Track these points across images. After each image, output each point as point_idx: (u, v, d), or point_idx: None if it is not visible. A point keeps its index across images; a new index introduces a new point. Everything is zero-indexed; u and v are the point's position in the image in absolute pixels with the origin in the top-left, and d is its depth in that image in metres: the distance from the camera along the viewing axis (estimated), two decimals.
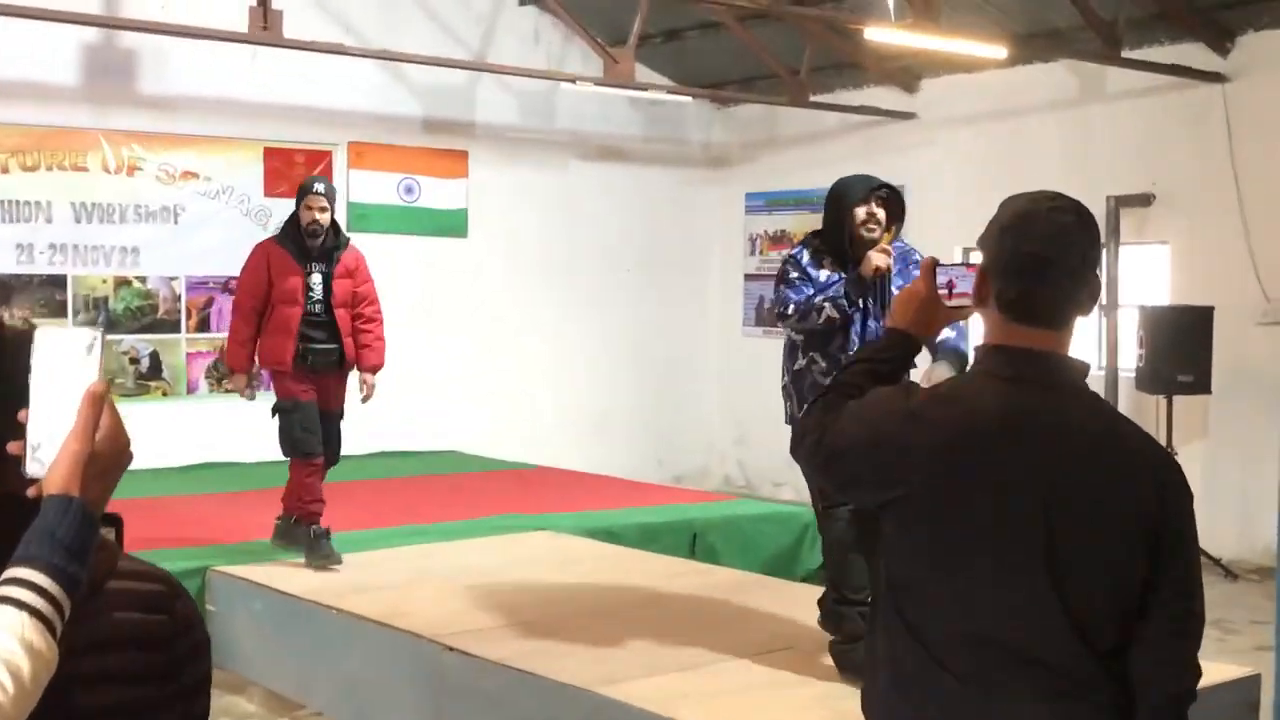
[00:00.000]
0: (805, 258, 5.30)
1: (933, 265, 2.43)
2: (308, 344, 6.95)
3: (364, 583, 6.61)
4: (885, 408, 2.26)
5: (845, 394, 2.35)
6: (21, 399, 1.53)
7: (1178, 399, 9.36)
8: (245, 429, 10.74)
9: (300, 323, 6.93)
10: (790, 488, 12.21)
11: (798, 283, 5.25)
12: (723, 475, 13.44)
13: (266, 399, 7.30)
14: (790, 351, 5.41)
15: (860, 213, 5.19)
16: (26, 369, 1.53)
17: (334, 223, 7.10)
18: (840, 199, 5.28)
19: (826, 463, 2.32)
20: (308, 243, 7.00)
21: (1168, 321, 9.41)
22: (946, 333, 4.93)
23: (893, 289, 5.10)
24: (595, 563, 7.24)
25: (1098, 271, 2.26)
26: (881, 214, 5.23)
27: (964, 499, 2.18)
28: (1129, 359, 9.67)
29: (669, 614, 6.09)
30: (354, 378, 7.21)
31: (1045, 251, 2.18)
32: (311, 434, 6.96)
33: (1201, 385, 9.31)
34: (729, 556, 8.28)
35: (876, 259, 5.12)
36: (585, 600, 6.35)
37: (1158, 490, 2.18)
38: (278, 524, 7.11)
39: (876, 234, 5.23)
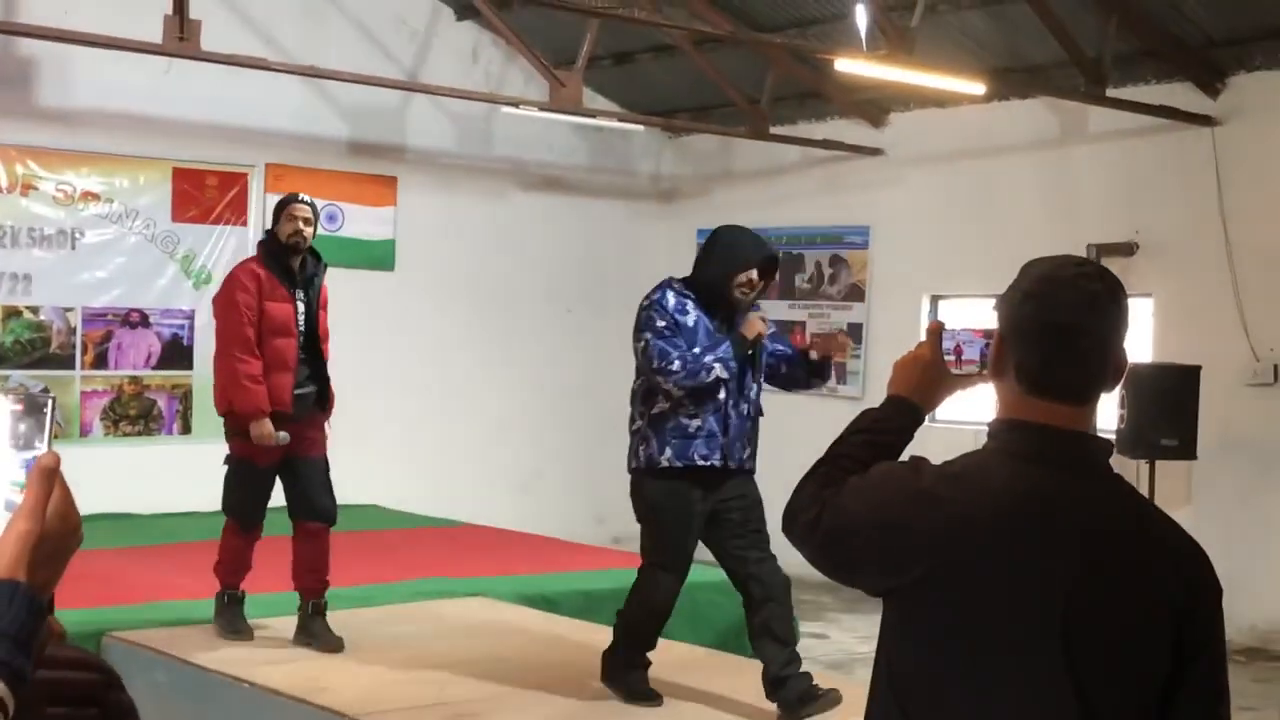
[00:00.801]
0: (670, 301, 5.67)
1: (939, 329, 2.42)
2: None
3: (278, 652, 6.52)
4: (892, 486, 2.24)
5: (844, 468, 2.33)
6: None
7: (1161, 464, 9.44)
8: (146, 478, 10.64)
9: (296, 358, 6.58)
10: None
11: (667, 333, 5.59)
12: None
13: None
14: (646, 396, 5.75)
15: (742, 277, 5.63)
16: None
17: (312, 246, 6.76)
18: (729, 256, 5.69)
19: (825, 544, 2.30)
20: (290, 260, 6.64)
21: (1151, 381, 9.47)
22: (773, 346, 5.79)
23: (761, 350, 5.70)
24: (533, 634, 7.19)
25: (1124, 344, 2.25)
26: (759, 282, 5.72)
27: (977, 588, 2.16)
28: (1109, 420, 9.76)
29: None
30: None
31: (1071, 321, 2.18)
32: (259, 504, 6.67)
33: (1186, 450, 9.38)
34: (677, 629, 8.15)
35: (758, 325, 5.62)
36: (523, 676, 6.29)
37: (1185, 585, 2.17)
38: (216, 605, 6.79)
39: (749, 298, 5.70)
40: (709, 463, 5.66)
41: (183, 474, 10.85)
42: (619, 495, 13.17)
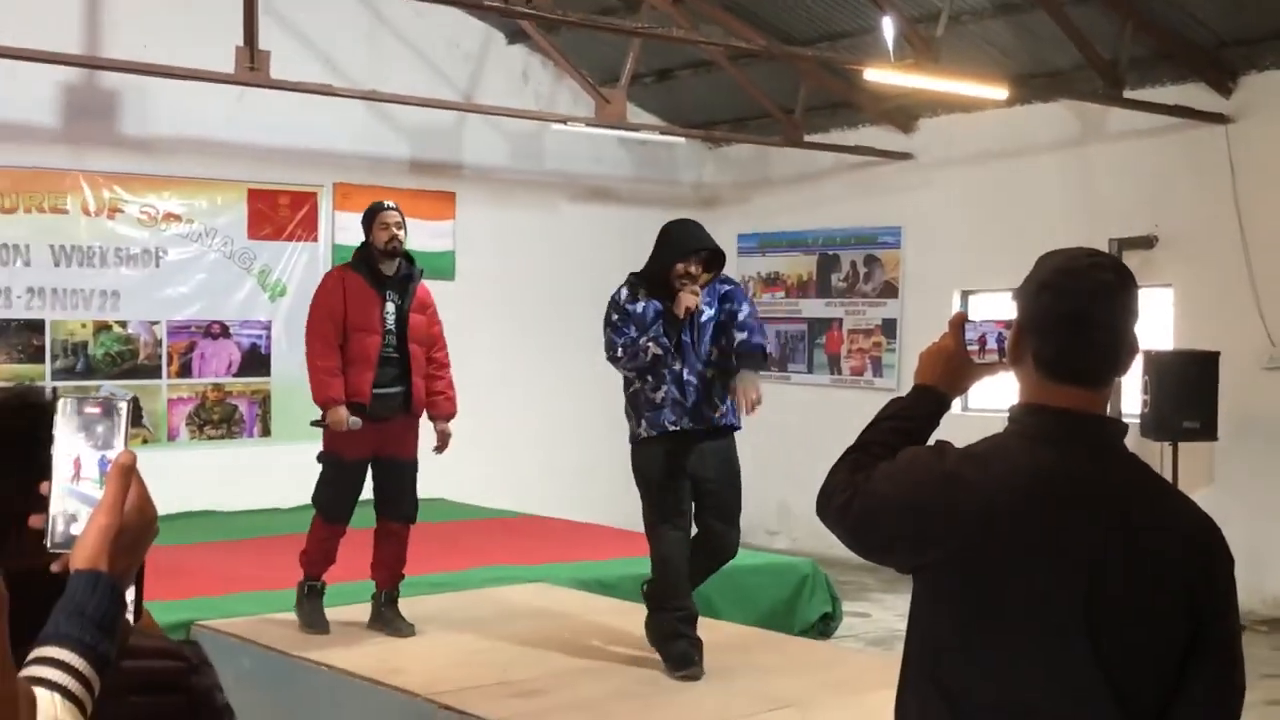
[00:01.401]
0: (623, 295, 6.03)
1: (961, 321, 2.42)
2: (373, 386, 6.55)
3: (354, 638, 6.55)
4: (920, 470, 2.24)
5: (874, 453, 2.33)
6: (44, 471, 1.51)
7: (1183, 446, 9.36)
8: (229, 477, 10.74)
9: (378, 354, 6.56)
10: (784, 537, 12.20)
11: (619, 325, 5.99)
12: None
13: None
14: (624, 381, 6.18)
15: (679, 268, 5.92)
16: (49, 440, 1.51)
17: (406, 251, 6.76)
18: (667, 249, 6.02)
19: (857, 525, 2.30)
20: (383, 265, 6.63)
21: (1172, 367, 9.41)
22: (740, 335, 6.00)
23: (701, 321, 5.98)
24: (590, 616, 7.19)
25: (1136, 330, 2.24)
26: (697, 270, 5.95)
27: (1002, 564, 2.15)
28: (1133, 404, 9.67)
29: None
30: None
31: (1085, 309, 2.17)
32: (347, 499, 6.61)
33: (1207, 432, 9.30)
34: (725, 610, 8.22)
35: (686, 300, 5.88)
36: (581, 656, 6.30)
37: (1200, 556, 2.16)
38: (296, 595, 6.77)
39: (690, 286, 5.93)
40: (678, 427, 5.97)
41: (263, 473, 10.97)
42: None
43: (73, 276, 10.31)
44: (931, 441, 2.37)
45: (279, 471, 11.04)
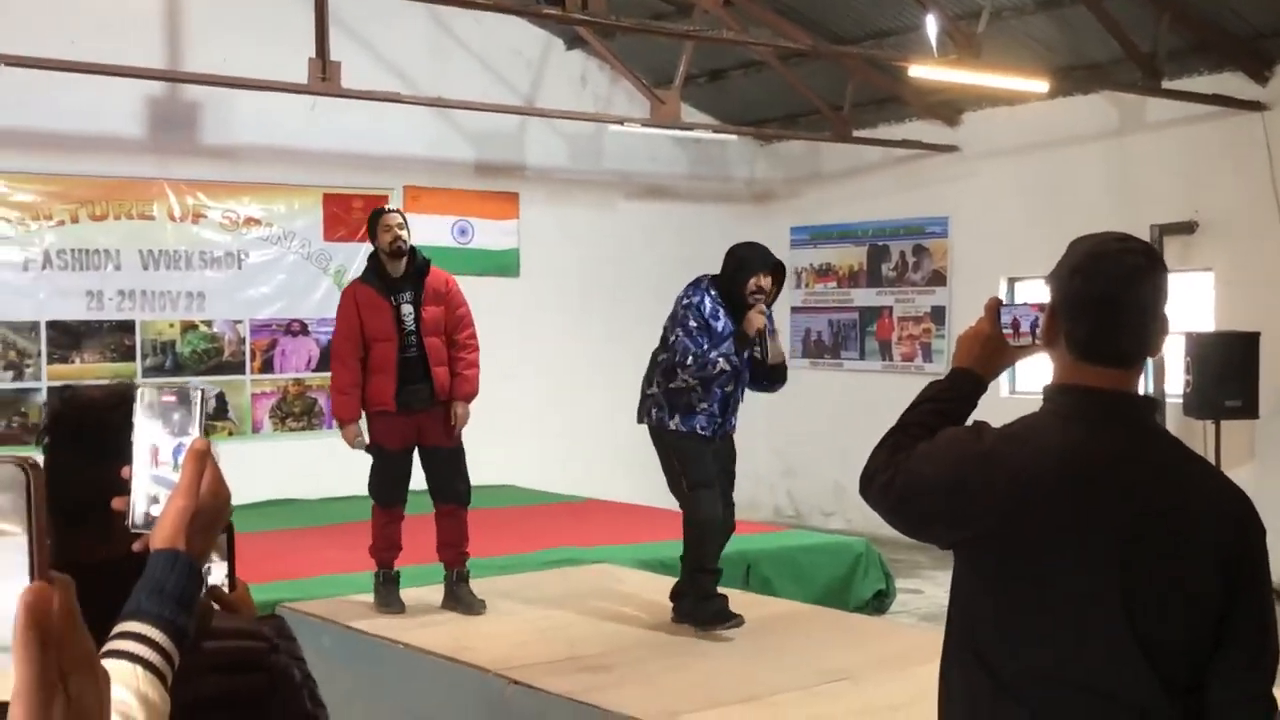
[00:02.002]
0: (707, 306, 6.11)
1: (996, 305, 2.40)
2: (401, 384, 6.60)
3: (428, 617, 6.60)
4: (958, 448, 2.23)
5: (913, 434, 2.32)
6: (125, 456, 1.54)
7: (1225, 424, 9.24)
8: (310, 467, 10.85)
9: (397, 359, 6.61)
10: (839, 517, 12.15)
11: (696, 333, 6.07)
12: (772, 506, 13.37)
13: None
14: (668, 371, 6.21)
15: (752, 284, 6.06)
16: (129, 426, 1.54)
17: (413, 248, 6.73)
18: (739, 267, 6.13)
19: (898, 503, 2.29)
20: (390, 268, 6.64)
21: (1214, 347, 9.30)
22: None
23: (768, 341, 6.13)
24: (652, 595, 7.19)
25: (1166, 311, 2.22)
26: (768, 283, 6.11)
27: (1039, 539, 2.14)
28: (1176, 385, 9.56)
29: (727, 646, 6.04)
30: None
31: (1115, 291, 2.15)
32: (394, 485, 6.72)
33: (1249, 410, 9.18)
34: (782, 587, 8.22)
35: (756, 321, 6.04)
36: (644, 633, 6.31)
37: (1232, 527, 2.14)
38: (374, 584, 6.84)
39: (759, 302, 6.09)
40: (705, 433, 6.22)
41: (341, 463, 10.96)
42: None
43: (160, 279, 10.45)
44: (971, 422, 2.36)
45: (356, 461, 11.06)
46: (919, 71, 9.10)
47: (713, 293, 6.18)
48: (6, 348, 9.89)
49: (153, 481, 1.53)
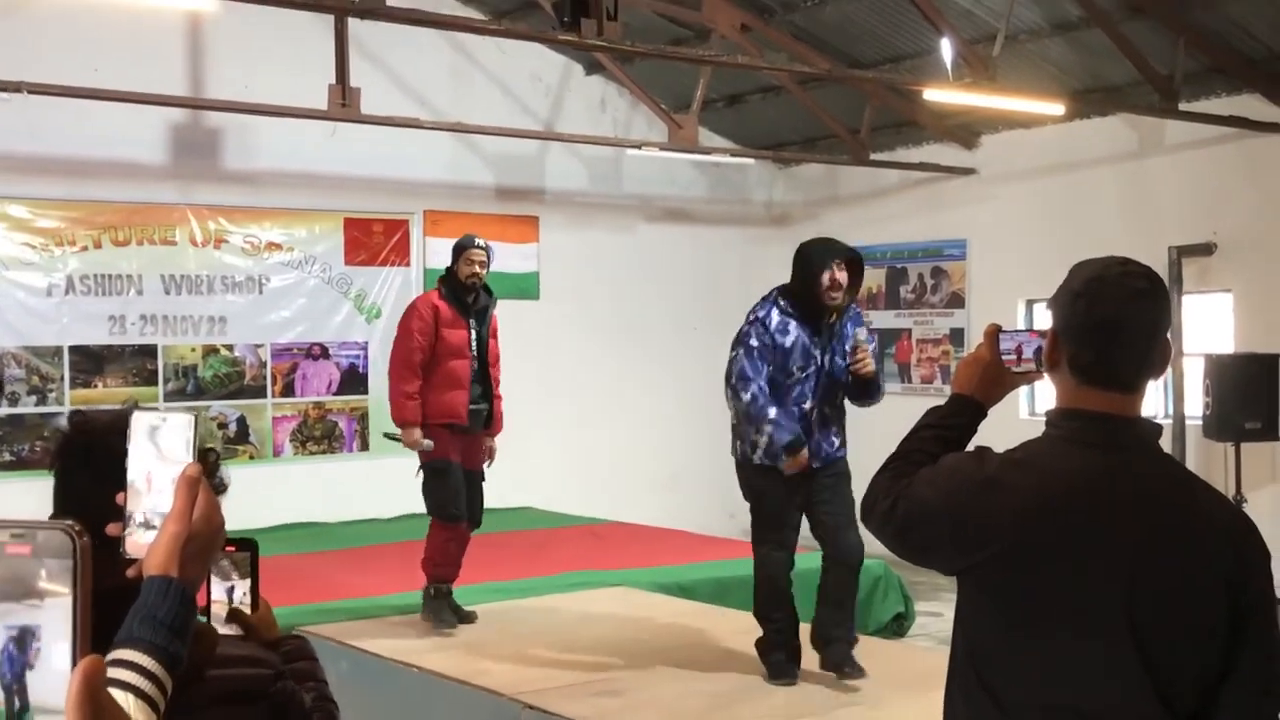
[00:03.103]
0: (774, 320, 5.58)
1: (996, 331, 2.39)
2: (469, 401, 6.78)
3: (444, 641, 6.60)
4: (961, 474, 2.21)
5: (915, 460, 2.31)
6: (119, 482, 1.54)
7: (1245, 446, 9.16)
8: (330, 490, 10.87)
9: (471, 376, 6.77)
10: None
11: (756, 355, 5.55)
12: None
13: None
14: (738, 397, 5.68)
15: (825, 279, 5.52)
16: (123, 452, 1.54)
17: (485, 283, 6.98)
18: (807, 265, 5.61)
19: (901, 530, 2.28)
20: (463, 292, 6.87)
21: (1233, 369, 9.23)
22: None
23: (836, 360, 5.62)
24: (670, 618, 7.18)
25: (1169, 335, 2.20)
26: (844, 277, 5.56)
27: (1044, 566, 2.12)
28: (1195, 407, 9.50)
29: (744, 670, 6.01)
30: None
31: (1118, 316, 2.14)
32: (458, 498, 6.78)
33: (1269, 432, 9.10)
34: (802, 610, 8.13)
35: (866, 365, 5.57)
36: (662, 656, 6.29)
37: (1237, 553, 2.12)
38: (424, 599, 6.92)
39: (838, 299, 5.57)
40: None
41: (362, 486, 11.09)
42: None
43: (182, 304, 10.50)
44: (974, 446, 2.34)
45: (377, 484, 11.16)
46: (935, 95, 9.09)
47: (782, 303, 5.65)
48: (30, 373, 9.95)
49: (147, 507, 1.53)
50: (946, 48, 8.76)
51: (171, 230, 10.44)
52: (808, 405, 5.65)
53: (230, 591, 2.23)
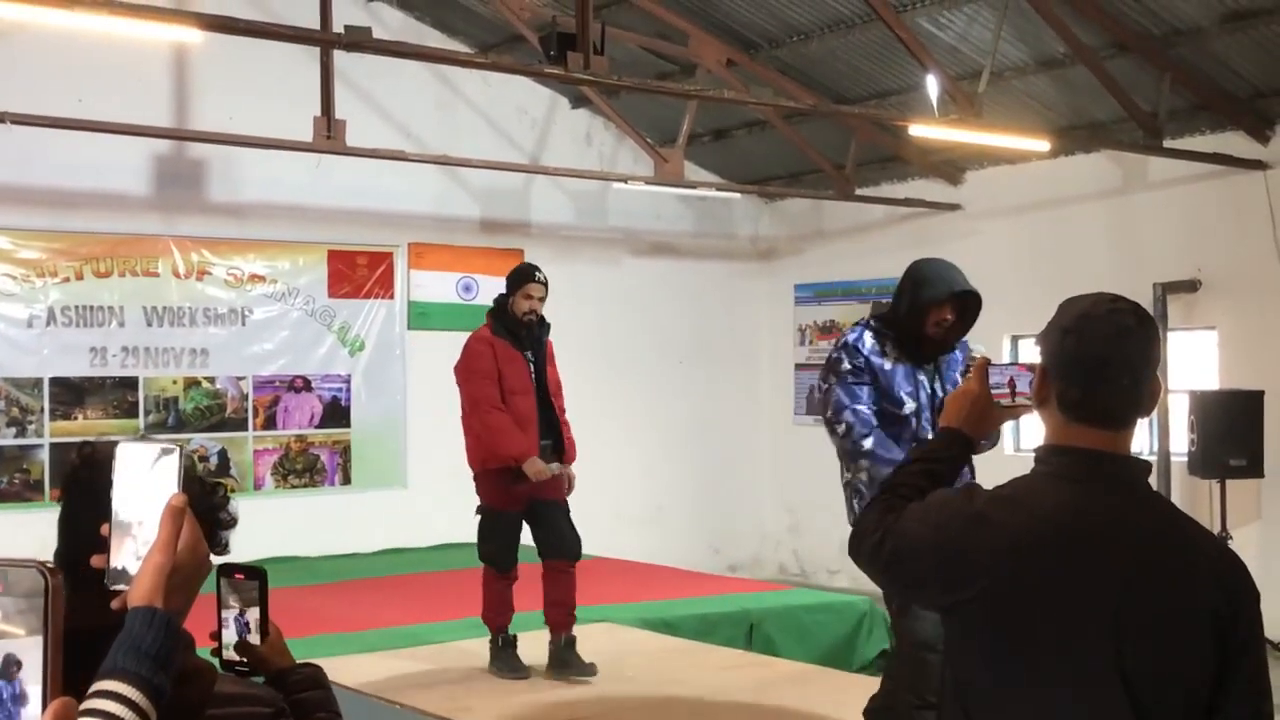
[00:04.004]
0: (867, 343, 4.88)
1: (985, 365, 2.40)
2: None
3: (426, 677, 6.56)
4: (949, 510, 2.21)
5: (903, 495, 2.32)
6: (104, 513, 1.54)
7: (1230, 483, 9.19)
8: (312, 524, 10.82)
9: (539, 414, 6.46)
10: (845, 575, 12.07)
11: (851, 380, 4.83)
12: (777, 564, 13.31)
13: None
14: (855, 451, 4.94)
15: (934, 315, 4.82)
16: (108, 484, 1.54)
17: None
18: (919, 290, 4.83)
19: (888, 565, 2.28)
20: (517, 326, 6.52)
21: (1218, 406, 9.27)
22: None
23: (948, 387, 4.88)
24: (654, 655, 7.16)
25: (1158, 372, 2.21)
26: (953, 316, 4.87)
27: (1031, 603, 2.12)
28: (1180, 444, 9.53)
29: (729, 708, 5.99)
30: None
31: (1107, 353, 2.15)
32: (509, 548, 6.54)
33: (1254, 469, 9.15)
34: (786, 647, 8.16)
35: (994, 419, 4.59)
36: (646, 694, 6.26)
37: (1225, 591, 2.13)
38: (490, 649, 6.67)
39: (943, 334, 4.90)
40: None
41: (344, 520, 11.05)
42: (733, 528, 13.24)
43: (164, 336, 10.48)
44: (964, 482, 2.35)
45: (359, 518, 11.13)
46: (920, 131, 9.15)
47: (875, 324, 4.96)
48: (9, 404, 9.90)
49: (131, 538, 1.53)
50: (932, 84, 8.82)
51: (154, 262, 10.43)
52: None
53: (240, 620, 2.23)
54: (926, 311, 4.80)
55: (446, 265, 11.76)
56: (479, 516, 6.59)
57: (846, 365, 4.85)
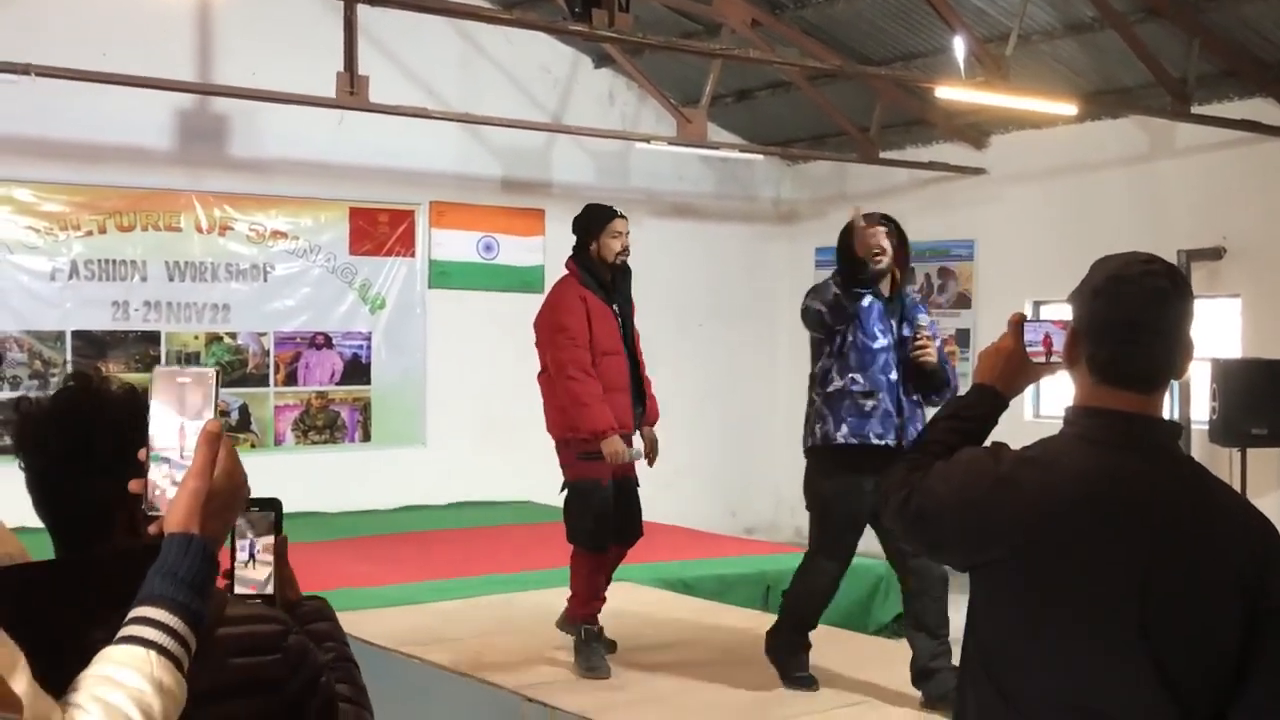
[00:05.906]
0: (834, 286, 5.36)
1: (1020, 321, 2.37)
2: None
3: (445, 632, 6.59)
4: (974, 471, 2.19)
5: (931, 452, 2.29)
6: (141, 439, 1.53)
7: (1252, 452, 9.15)
8: (332, 480, 10.86)
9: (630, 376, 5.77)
10: (861, 539, 12.07)
11: (818, 287, 5.43)
12: (794, 527, 13.28)
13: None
14: (822, 378, 5.44)
15: (858, 246, 5.30)
16: (145, 409, 1.53)
17: None
18: (844, 237, 5.43)
19: (913, 524, 2.26)
20: (602, 272, 5.79)
21: (1240, 374, 9.22)
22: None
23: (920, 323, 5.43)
24: (671, 614, 7.17)
25: (1191, 334, 2.19)
26: (881, 233, 5.42)
27: (1057, 566, 2.10)
28: (1202, 412, 9.48)
29: (745, 666, 5.99)
30: None
31: (1138, 315, 2.12)
32: (606, 524, 5.76)
33: (1275, 438, 9.09)
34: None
35: (929, 355, 5.35)
36: (662, 652, 6.28)
37: (1255, 557, 2.10)
38: (575, 641, 5.90)
39: (883, 261, 5.41)
40: (883, 441, 5.19)
41: (363, 477, 11.09)
42: (750, 490, 13.26)
43: (186, 291, 10.50)
44: (990, 443, 2.33)
45: (378, 474, 11.16)
46: (946, 93, 9.07)
47: (838, 278, 5.35)
48: (32, 357, 9.94)
49: (168, 464, 1.52)
50: (959, 46, 8.74)
51: (176, 216, 10.44)
52: (894, 376, 5.29)
53: (251, 549, 2.23)
54: (861, 243, 5.27)
55: (467, 224, 11.75)
56: (563, 492, 5.94)
57: (816, 297, 5.37)
